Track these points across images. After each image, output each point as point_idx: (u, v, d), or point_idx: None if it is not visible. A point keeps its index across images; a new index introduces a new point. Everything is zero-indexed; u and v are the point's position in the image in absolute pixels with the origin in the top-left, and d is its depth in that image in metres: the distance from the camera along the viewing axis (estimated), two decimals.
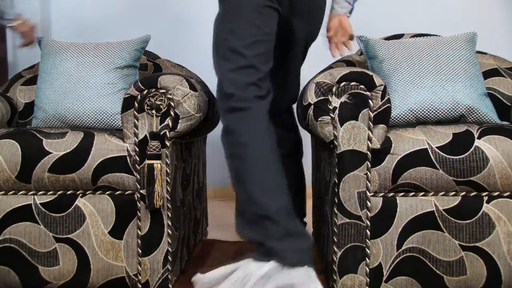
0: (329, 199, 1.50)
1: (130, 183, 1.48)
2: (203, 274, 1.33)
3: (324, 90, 1.40)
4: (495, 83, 1.84)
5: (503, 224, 1.38)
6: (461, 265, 1.39)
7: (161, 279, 1.50)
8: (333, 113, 1.39)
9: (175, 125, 1.48)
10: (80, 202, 1.48)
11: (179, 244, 1.63)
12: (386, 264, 1.40)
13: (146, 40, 1.83)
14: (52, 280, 1.49)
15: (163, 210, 1.48)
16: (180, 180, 1.63)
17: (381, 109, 1.39)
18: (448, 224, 1.38)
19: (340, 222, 1.40)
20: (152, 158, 1.45)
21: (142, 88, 1.48)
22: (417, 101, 1.57)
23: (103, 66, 1.74)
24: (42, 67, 1.80)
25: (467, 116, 1.59)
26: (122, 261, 1.49)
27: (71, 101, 1.71)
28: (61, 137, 1.48)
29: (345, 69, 1.42)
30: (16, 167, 1.46)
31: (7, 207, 1.47)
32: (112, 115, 1.69)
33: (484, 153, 1.36)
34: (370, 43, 1.73)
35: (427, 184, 1.38)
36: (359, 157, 1.38)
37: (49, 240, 1.48)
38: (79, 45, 1.81)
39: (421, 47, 1.68)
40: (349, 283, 1.40)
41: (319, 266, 1.78)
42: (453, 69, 1.62)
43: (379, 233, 1.39)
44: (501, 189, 1.38)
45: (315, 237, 1.99)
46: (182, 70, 2.08)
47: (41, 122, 1.75)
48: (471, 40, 1.72)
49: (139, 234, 1.48)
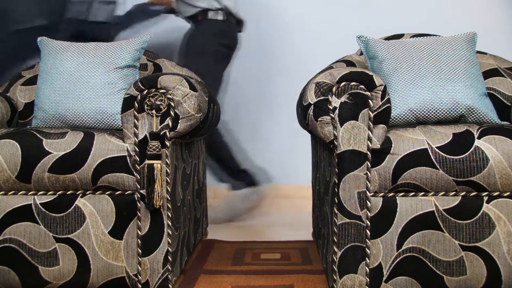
0: (329, 199, 1.50)
1: (130, 183, 1.48)
2: None
3: (324, 90, 1.40)
4: (495, 83, 1.84)
5: (503, 224, 1.38)
6: (461, 265, 1.39)
7: (161, 279, 1.50)
8: (333, 113, 1.39)
9: (175, 125, 1.48)
10: (80, 202, 1.48)
11: (179, 244, 1.63)
12: (386, 264, 1.40)
13: (146, 40, 1.82)
14: (52, 280, 1.49)
15: (163, 210, 1.48)
16: (180, 180, 1.63)
17: (381, 109, 1.39)
18: (448, 224, 1.38)
19: (340, 222, 1.40)
20: (152, 158, 1.45)
21: (142, 88, 1.48)
22: (417, 101, 1.57)
23: (103, 66, 1.74)
24: (42, 67, 1.80)
25: (467, 116, 1.59)
26: (122, 261, 1.49)
27: (71, 101, 1.71)
28: (61, 137, 1.48)
29: (345, 69, 1.42)
30: (16, 167, 1.46)
31: (7, 207, 1.48)
32: (112, 115, 1.69)
33: (484, 153, 1.36)
34: (370, 43, 1.73)
35: (427, 184, 1.38)
36: (359, 157, 1.38)
37: (49, 240, 1.48)
38: (79, 45, 1.81)
39: (421, 47, 1.68)
40: (349, 283, 1.40)
41: (319, 266, 1.78)
42: (453, 69, 1.62)
43: (379, 233, 1.39)
44: (501, 189, 1.38)
45: (315, 237, 1.99)
46: (182, 70, 2.08)
47: (41, 122, 1.75)
48: (471, 40, 1.72)
49: (139, 234, 1.48)
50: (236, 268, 1.76)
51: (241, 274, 1.70)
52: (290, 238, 2.19)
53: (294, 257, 1.89)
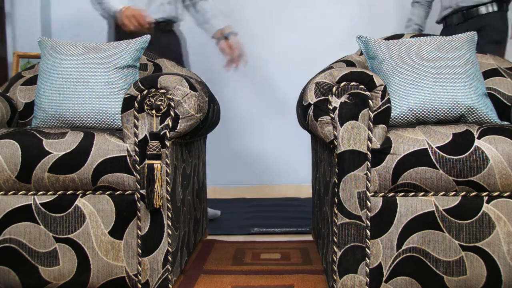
0: (329, 199, 1.50)
1: (130, 183, 1.48)
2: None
3: (324, 90, 1.40)
4: (495, 83, 1.84)
5: (503, 224, 1.38)
6: (461, 265, 1.39)
7: (161, 279, 1.50)
8: (333, 113, 1.39)
9: (175, 125, 1.48)
10: (80, 202, 1.48)
11: (179, 244, 1.63)
12: (386, 264, 1.40)
13: (146, 40, 1.82)
14: (52, 280, 1.49)
15: (163, 210, 1.48)
16: (180, 180, 1.63)
17: (381, 109, 1.39)
18: (448, 224, 1.38)
19: (340, 222, 1.40)
20: (152, 158, 1.45)
21: (142, 88, 1.48)
22: (417, 101, 1.57)
23: (103, 66, 1.74)
24: (42, 67, 1.80)
25: (467, 116, 1.59)
26: (122, 261, 1.49)
27: (71, 101, 1.70)
28: (61, 137, 1.48)
29: (345, 69, 1.42)
30: (16, 167, 1.46)
31: (7, 207, 1.47)
32: (112, 115, 1.69)
33: (484, 153, 1.36)
34: (370, 43, 1.73)
35: (427, 184, 1.38)
36: (359, 157, 1.38)
37: (49, 240, 1.48)
38: (79, 45, 1.81)
39: (421, 47, 1.68)
40: (349, 283, 1.40)
41: (319, 266, 1.78)
42: (453, 69, 1.62)
43: (379, 233, 1.39)
44: (501, 189, 1.38)
45: (315, 237, 1.99)
46: (182, 70, 2.08)
47: (41, 122, 1.75)
48: (471, 40, 1.72)
49: (139, 234, 1.48)
50: (236, 268, 1.76)
51: (241, 274, 1.70)
52: (290, 238, 2.19)
53: (294, 257, 1.89)
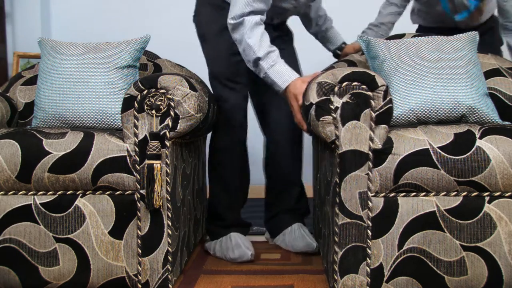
0: (330, 199, 1.50)
1: (130, 183, 1.47)
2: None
3: (326, 90, 1.40)
4: (496, 83, 1.84)
5: (504, 224, 1.37)
6: (462, 265, 1.38)
7: (161, 279, 1.49)
8: (335, 113, 1.39)
9: (175, 125, 1.48)
10: (80, 202, 1.47)
11: (179, 244, 1.63)
12: (387, 264, 1.40)
13: (146, 40, 1.82)
14: (52, 280, 1.49)
15: (163, 210, 1.48)
16: (180, 180, 1.63)
17: (383, 109, 1.38)
18: (449, 224, 1.38)
19: (341, 222, 1.39)
20: (152, 158, 1.45)
21: (142, 88, 1.48)
22: (418, 101, 1.57)
23: (103, 66, 1.73)
24: (42, 67, 1.79)
25: (468, 116, 1.58)
26: (122, 261, 1.49)
27: (71, 101, 1.70)
28: (61, 137, 1.48)
29: (347, 69, 1.42)
30: (16, 167, 1.45)
31: (7, 207, 1.47)
32: (112, 115, 1.69)
33: (486, 153, 1.35)
34: (371, 43, 1.72)
35: (428, 184, 1.37)
36: (361, 157, 1.37)
37: (49, 240, 1.47)
38: (79, 45, 1.80)
39: (422, 47, 1.67)
40: (350, 283, 1.40)
41: (320, 266, 1.77)
42: (454, 69, 1.61)
43: (380, 233, 1.39)
44: (502, 189, 1.37)
45: (316, 237, 1.99)
46: (182, 70, 2.08)
47: (41, 122, 1.75)
48: (473, 40, 1.72)
49: (139, 234, 1.48)
50: (236, 268, 1.76)
51: (241, 274, 1.70)
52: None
53: (294, 257, 1.89)
